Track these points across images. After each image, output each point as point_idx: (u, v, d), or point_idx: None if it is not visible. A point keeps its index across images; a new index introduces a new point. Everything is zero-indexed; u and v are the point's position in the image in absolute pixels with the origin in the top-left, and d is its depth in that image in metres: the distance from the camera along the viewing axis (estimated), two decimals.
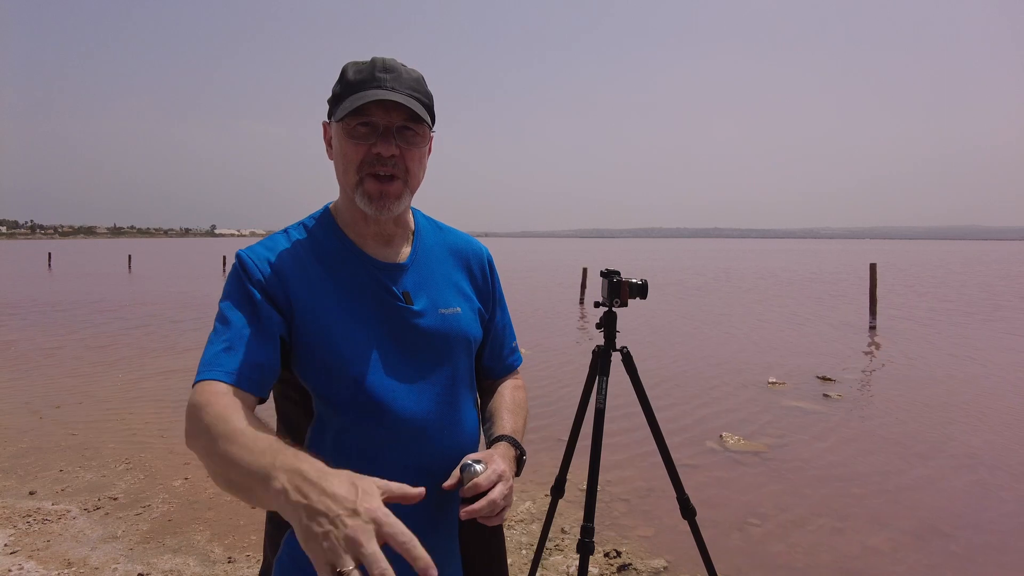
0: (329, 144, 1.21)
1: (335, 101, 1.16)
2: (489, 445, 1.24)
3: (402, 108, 1.12)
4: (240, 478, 0.87)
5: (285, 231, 1.22)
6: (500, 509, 1.08)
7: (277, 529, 1.18)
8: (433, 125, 1.19)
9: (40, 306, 16.74)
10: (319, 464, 0.82)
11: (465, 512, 1.05)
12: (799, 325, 13.80)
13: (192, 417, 0.97)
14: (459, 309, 1.25)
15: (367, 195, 1.14)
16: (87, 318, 14.34)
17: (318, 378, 1.12)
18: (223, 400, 0.97)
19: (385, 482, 0.82)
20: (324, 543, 0.73)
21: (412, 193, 1.20)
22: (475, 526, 1.13)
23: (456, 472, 1.11)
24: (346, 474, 0.80)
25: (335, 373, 1.11)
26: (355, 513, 0.74)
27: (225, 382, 1.01)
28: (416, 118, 1.13)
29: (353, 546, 0.72)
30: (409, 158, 1.15)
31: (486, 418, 1.32)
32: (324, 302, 1.14)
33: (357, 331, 1.14)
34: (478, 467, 1.08)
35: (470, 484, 1.07)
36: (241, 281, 1.11)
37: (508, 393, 1.36)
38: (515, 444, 1.23)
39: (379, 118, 1.12)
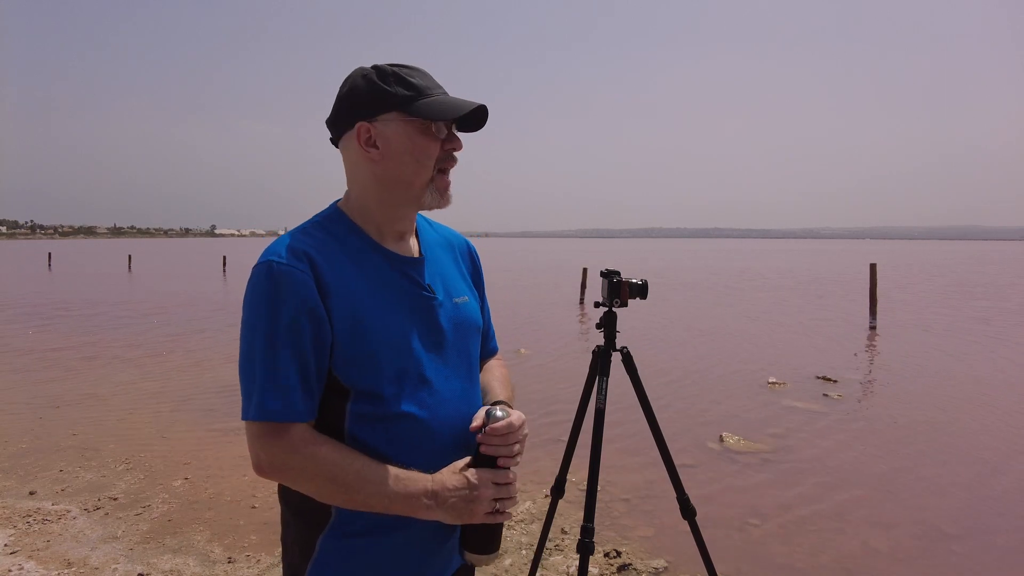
0: (371, 144, 1.19)
1: (408, 101, 1.16)
2: None
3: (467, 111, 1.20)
4: (379, 509, 1.12)
5: (302, 229, 1.19)
6: (517, 452, 1.20)
7: (310, 530, 1.16)
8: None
9: (36, 307, 16.74)
10: (428, 477, 1.14)
11: (485, 433, 1.17)
12: (799, 325, 13.80)
13: (287, 462, 1.10)
14: (467, 298, 1.34)
15: (439, 190, 1.23)
16: (87, 319, 14.34)
17: (360, 373, 1.13)
18: (306, 444, 1.10)
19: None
20: (477, 513, 1.15)
21: None
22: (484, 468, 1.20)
23: (481, 415, 1.20)
24: (447, 470, 1.15)
25: (378, 367, 1.14)
26: (475, 487, 1.14)
27: (296, 421, 1.10)
28: (482, 123, 1.26)
29: (483, 499, 1.14)
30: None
31: (481, 390, 1.39)
32: (360, 298, 1.15)
33: (394, 324, 1.18)
34: (500, 412, 1.19)
35: (505, 423, 1.18)
36: (279, 297, 1.09)
37: (496, 369, 1.47)
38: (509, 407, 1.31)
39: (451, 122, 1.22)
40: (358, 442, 1.14)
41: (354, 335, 1.12)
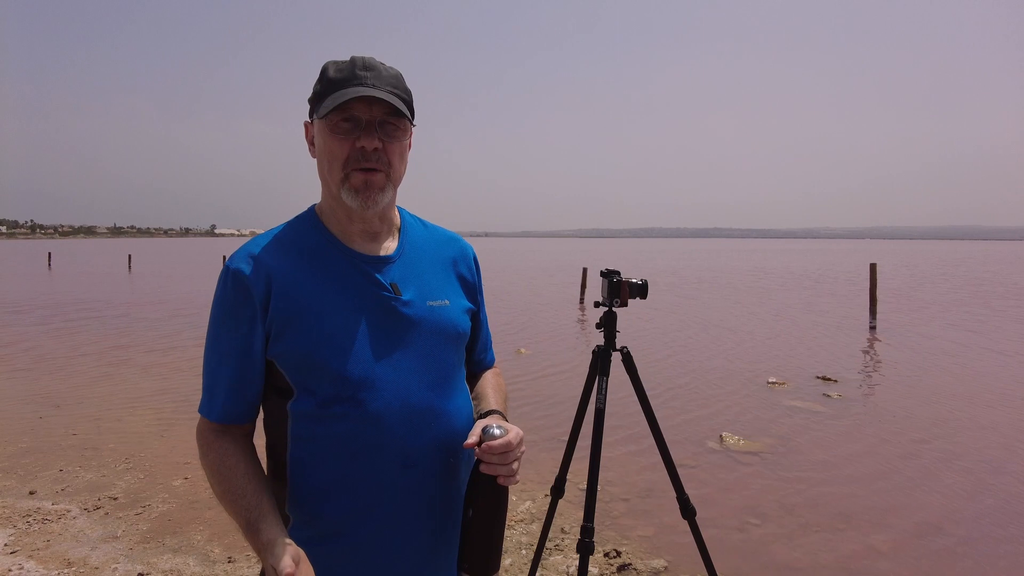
0: (311, 143, 1.23)
1: (317, 99, 1.18)
2: (480, 417, 1.27)
3: (383, 103, 1.14)
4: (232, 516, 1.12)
5: (272, 231, 1.24)
6: (515, 472, 1.14)
7: None
8: (413, 121, 1.22)
9: (38, 307, 16.74)
10: (271, 536, 1.04)
11: (479, 448, 1.13)
12: (799, 324, 13.80)
13: (199, 449, 1.19)
14: (447, 302, 1.26)
15: (353, 189, 1.16)
16: (86, 318, 14.34)
17: (300, 371, 1.14)
18: (215, 444, 1.16)
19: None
20: None
21: (395, 187, 1.22)
22: (491, 492, 1.16)
23: (477, 431, 1.15)
24: (280, 540, 1.03)
25: (319, 366, 1.13)
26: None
27: (217, 421, 1.18)
28: (397, 113, 1.16)
29: None
30: (391, 152, 1.17)
31: (472, 398, 1.34)
32: (307, 297, 1.15)
33: (341, 323, 1.15)
34: (497, 431, 1.14)
35: (503, 441, 1.13)
36: (224, 299, 1.17)
37: (491, 377, 1.41)
38: (504, 419, 1.26)
39: (362, 113, 1.14)
40: (300, 441, 1.15)
41: (295, 333, 1.13)
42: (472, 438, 1.14)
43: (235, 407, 1.17)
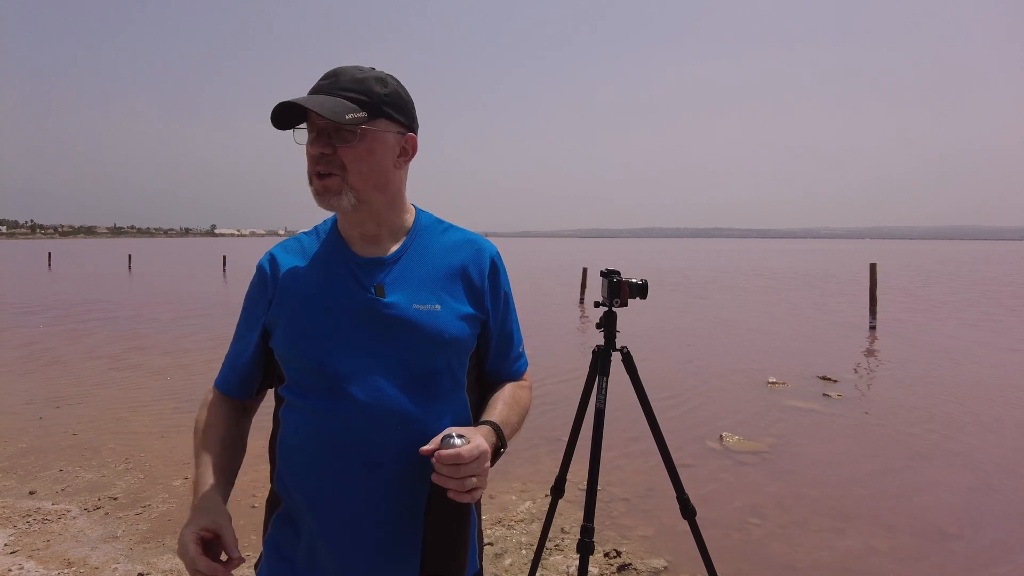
0: None
1: None
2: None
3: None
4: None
5: (302, 232, 1.36)
6: (472, 487, 1.07)
7: (269, 512, 1.29)
8: (374, 120, 1.17)
9: (49, 308, 16.75)
10: (199, 505, 1.13)
11: (434, 456, 1.08)
12: (799, 324, 13.80)
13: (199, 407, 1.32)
14: (438, 307, 1.23)
15: (315, 192, 1.21)
16: (98, 319, 14.34)
17: (287, 364, 1.23)
18: (207, 409, 1.29)
19: (216, 526, 1.10)
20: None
21: (358, 191, 1.19)
22: (443, 505, 1.10)
23: (437, 439, 1.10)
24: (215, 511, 1.12)
25: (296, 359, 1.21)
26: (183, 544, 1.08)
27: (216, 387, 1.32)
28: (351, 117, 1.14)
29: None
30: (344, 156, 1.17)
31: (483, 409, 1.29)
32: (299, 294, 1.24)
33: (320, 320, 1.21)
34: (457, 440, 1.07)
35: (452, 452, 1.05)
36: (251, 286, 1.31)
37: (509, 389, 1.34)
38: (499, 434, 1.21)
39: (316, 119, 1.17)
40: (286, 426, 1.23)
41: (284, 325, 1.23)
42: (430, 445, 1.10)
43: (230, 378, 1.30)
